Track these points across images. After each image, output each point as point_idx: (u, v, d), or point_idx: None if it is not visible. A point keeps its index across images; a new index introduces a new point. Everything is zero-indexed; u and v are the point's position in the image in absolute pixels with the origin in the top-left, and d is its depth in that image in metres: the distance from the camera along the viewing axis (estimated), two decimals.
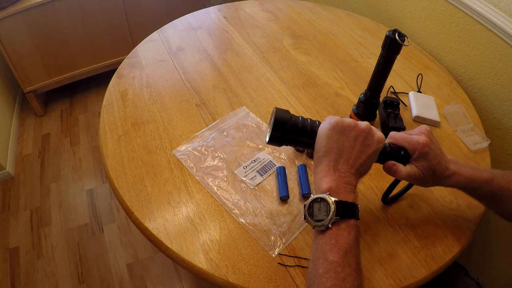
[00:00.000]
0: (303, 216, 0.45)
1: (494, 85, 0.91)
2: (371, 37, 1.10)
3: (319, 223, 0.43)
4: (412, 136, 0.53)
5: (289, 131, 0.50)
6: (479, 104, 0.96)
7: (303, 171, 0.69)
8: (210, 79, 0.92)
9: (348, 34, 1.11)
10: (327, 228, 0.42)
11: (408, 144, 0.52)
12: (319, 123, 0.51)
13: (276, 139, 0.51)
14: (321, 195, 0.44)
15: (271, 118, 0.51)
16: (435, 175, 0.52)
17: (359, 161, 0.47)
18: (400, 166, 0.52)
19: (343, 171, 0.46)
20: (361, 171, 0.48)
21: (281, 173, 0.68)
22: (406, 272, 0.57)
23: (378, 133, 0.49)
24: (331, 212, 0.42)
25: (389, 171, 0.52)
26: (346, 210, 0.43)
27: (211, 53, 1.01)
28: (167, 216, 0.62)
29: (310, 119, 0.52)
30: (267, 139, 0.51)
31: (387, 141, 0.55)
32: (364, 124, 0.48)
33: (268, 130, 0.52)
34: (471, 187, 0.53)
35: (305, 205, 0.46)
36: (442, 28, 1.02)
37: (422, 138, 0.52)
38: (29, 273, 1.28)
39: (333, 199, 0.43)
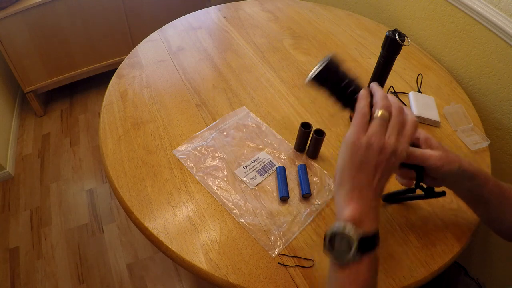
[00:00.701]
0: (324, 246, 0.41)
1: (494, 85, 0.91)
2: (371, 37, 1.10)
3: (340, 259, 0.40)
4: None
5: (332, 81, 0.49)
6: (479, 104, 0.96)
7: (303, 171, 0.69)
8: (210, 79, 0.92)
9: (348, 34, 1.11)
10: (348, 263, 0.39)
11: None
12: (359, 89, 0.47)
13: (320, 78, 0.49)
14: (343, 230, 0.39)
15: (324, 61, 0.50)
16: (446, 149, 0.51)
17: (382, 182, 0.42)
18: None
19: (368, 196, 0.41)
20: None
21: (281, 173, 0.68)
22: (406, 272, 0.57)
23: (402, 152, 0.43)
24: (353, 249, 0.38)
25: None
26: (369, 244, 0.39)
27: (211, 53, 1.01)
28: (167, 216, 0.62)
29: (356, 83, 0.49)
30: (312, 76, 0.49)
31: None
32: (391, 145, 0.42)
33: (316, 68, 0.50)
34: (483, 179, 0.52)
35: (325, 236, 0.41)
36: (442, 28, 1.02)
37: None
38: (29, 273, 1.28)
39: (356, 234, 0.39)
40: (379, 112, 0.43)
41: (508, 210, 0.53)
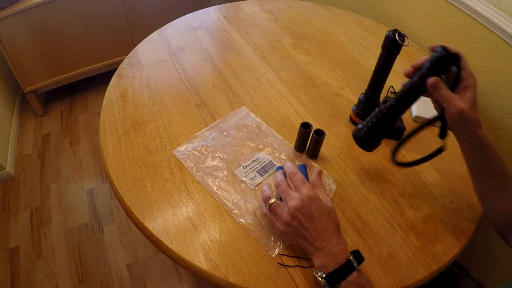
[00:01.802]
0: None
1: (494, 85, 0.91)
2: (371, 37, 1.10)
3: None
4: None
5: (372, 136, 0.59)
6: (479, 104, 0.96)
7: (303, 171, 0.69)
8: (210, 79, 0.92)
9: (348, 34, 1.11)
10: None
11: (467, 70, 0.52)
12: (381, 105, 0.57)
13: (368, 147, 0.61)
14: (315, 275, 0.49)
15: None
16: (475, 109, 0.50)
17: (324, 226, 0.51)
18: (445, 88, 0.51)
19: (321, 247, 0.50)
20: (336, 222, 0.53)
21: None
22: (406, 272, 0.57)
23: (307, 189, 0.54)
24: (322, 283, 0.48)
25: (432, 86, 0.52)
26: (338, 275, 0.47)
27: (211, 53, 1.01)
28: (167, 216, 0.62)
29: (376, 111, 0.59)
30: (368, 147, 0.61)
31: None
32: (296, 200, 0.53)
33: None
34: (491, 154, 0.52)
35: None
36: (442, 28, 1.02)
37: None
38: (29, 273, 1.28)
39: (322, 276, 0.48)
40: (268, 205, 0.57)
41: (504, 196, 0.53)
